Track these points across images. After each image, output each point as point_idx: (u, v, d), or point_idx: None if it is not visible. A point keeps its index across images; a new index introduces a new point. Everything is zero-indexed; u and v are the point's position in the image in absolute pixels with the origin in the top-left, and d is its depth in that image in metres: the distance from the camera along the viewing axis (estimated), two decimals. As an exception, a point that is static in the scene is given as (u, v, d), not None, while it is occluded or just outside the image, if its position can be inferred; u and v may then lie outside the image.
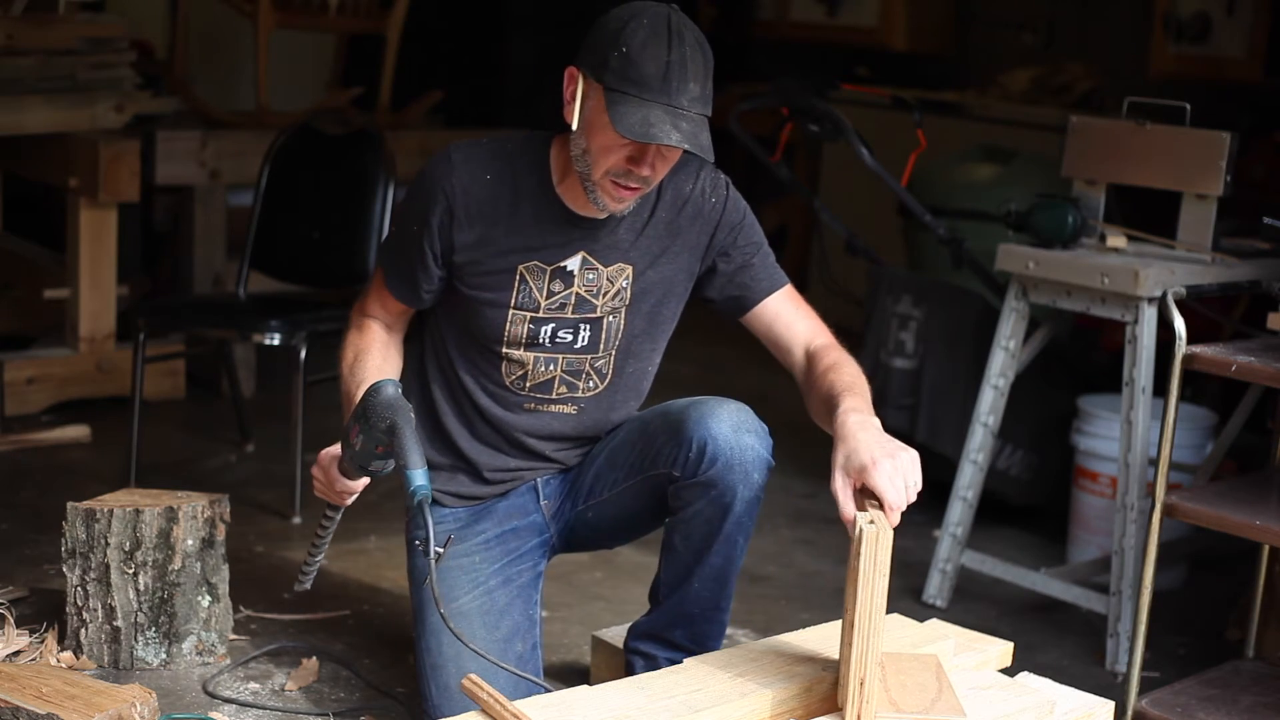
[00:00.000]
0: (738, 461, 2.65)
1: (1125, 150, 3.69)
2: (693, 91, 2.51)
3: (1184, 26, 5.56)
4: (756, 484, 2.68)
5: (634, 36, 2.51)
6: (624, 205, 2.64)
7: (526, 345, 2.77)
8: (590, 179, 2.60)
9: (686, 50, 2.52)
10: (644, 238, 2.75)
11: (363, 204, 4.24)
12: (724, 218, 2.78)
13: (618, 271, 2.75)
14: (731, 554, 2.73)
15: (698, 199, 2.76)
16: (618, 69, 2.51)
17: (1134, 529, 3.48)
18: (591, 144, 2.58)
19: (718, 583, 2.73)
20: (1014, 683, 2.57)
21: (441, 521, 2.88)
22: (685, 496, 2.71)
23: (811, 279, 6.75)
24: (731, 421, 2.67)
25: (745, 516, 2.70)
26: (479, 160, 2.72)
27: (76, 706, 2.64)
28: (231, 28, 6.18)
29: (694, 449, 2.66)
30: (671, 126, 2.48)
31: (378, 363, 2.81)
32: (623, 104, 2.49)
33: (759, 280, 2.80)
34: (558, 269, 2.72)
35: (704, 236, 2.78)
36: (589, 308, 2.76)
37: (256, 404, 4.96)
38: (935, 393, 4.21)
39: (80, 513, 3.08)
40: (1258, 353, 3.04)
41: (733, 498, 2.67)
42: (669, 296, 2.81)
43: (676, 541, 2.77)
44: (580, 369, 2.81)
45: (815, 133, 4.26)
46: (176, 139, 5.03)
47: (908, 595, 3.81)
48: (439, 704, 2.75)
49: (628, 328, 2.80)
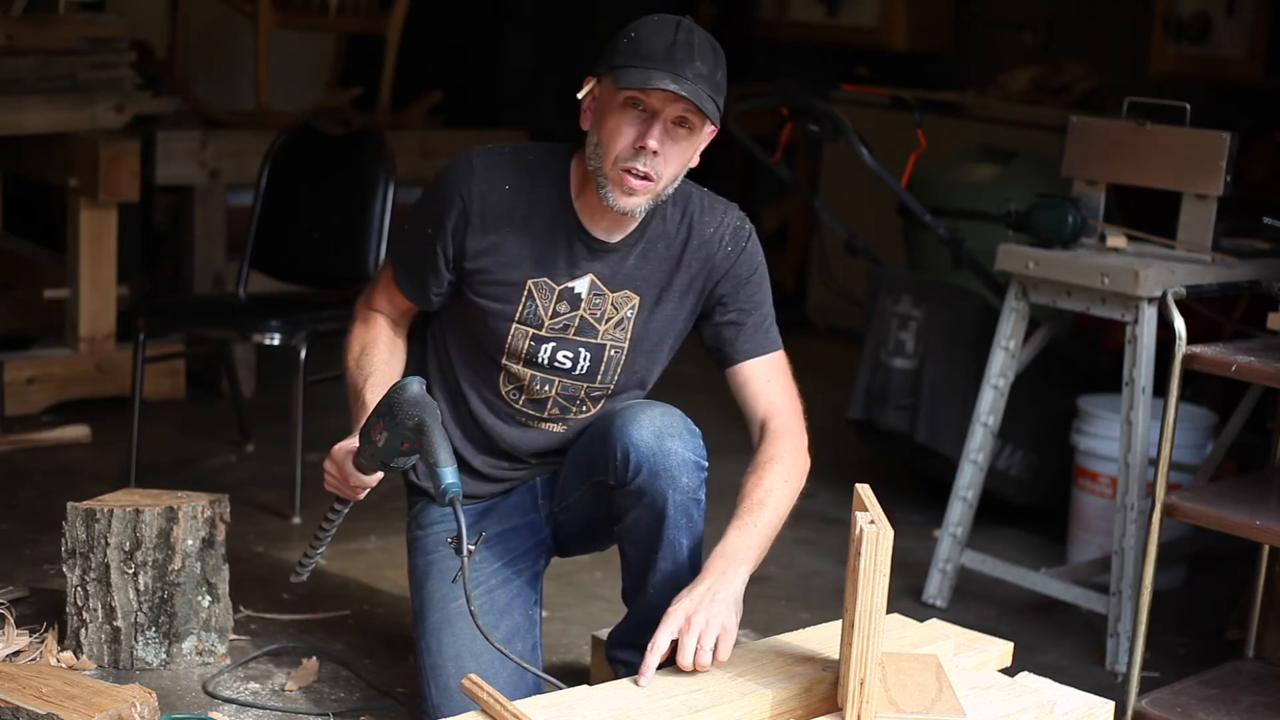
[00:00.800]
0: (662, 468, 2.63)
1: (1125, 150, 3.69)
2: (698, 68, 2.53)
3: (1184, 26, 5.56)
4: (687, 487, 2.65)
5: (644, 26, 2.58)
6: (634, 200, 2.60)
7: (525, 361, 2.76)
8: (602, 173, 2.60)
9: (696, 39, 2.56)
10: (654, 269, 2.74)
11: (363, 204, 4.24)
12: (732, 269, 2.76)
13: (624, 299, 2.74)
14: (678, 558, 2.70)
15: (712, 243, 2.74)
16: (626, 50, 2.55)
17: (1134, 529, 3.48)
18: (602, 131, 2.59)
19: (671, 586, 2.68)
20: (1014, 683, 2.57)
21: (441, 521, 2.88)
22: (622, 504, 2.70)
23: (811, 279, 6.76)
24: (653, 427, 2.64)
25: (682, 519, 2.67)
26: (500, 169, 2.71)
27: (76, 706, 2.64)
28: (231, 28, 6.18)
29: (619, 457, 2.65)
30: (672, 81, 2.50)
31: (384, 357, 2.81)
32: (627, 71, 2.53)
33: (743, 342, 2.78)
34: (566, 289, 2.72)
35: (709, 282, 2.76)
36: (592, 332, 2.75)
37: (256, 404, 4.96)
38: (935, 393, 4.21)
39: (80, 513, 3.08)
40: (1258, 353, 3.04)
41: (664, 504, 2.65)
42: (669, 335, 2.81)
43: (627, 548, 2.77)
44: (575, 395, 2.80)
45: (815, 133, 4.26)
46: (176, 139, 5.03)
47: (908, 595, 3.81)
48: (439, 704, 2.75)
49: (628, 364, 2.79)
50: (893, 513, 2.45)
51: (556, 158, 2.74)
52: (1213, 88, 5.51)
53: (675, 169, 2.62)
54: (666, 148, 2.57)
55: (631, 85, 2.51)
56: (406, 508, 2.97)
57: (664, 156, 2.58)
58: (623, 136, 2.56)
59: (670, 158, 2.59)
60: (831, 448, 4.33)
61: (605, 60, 2.59)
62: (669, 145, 2.58)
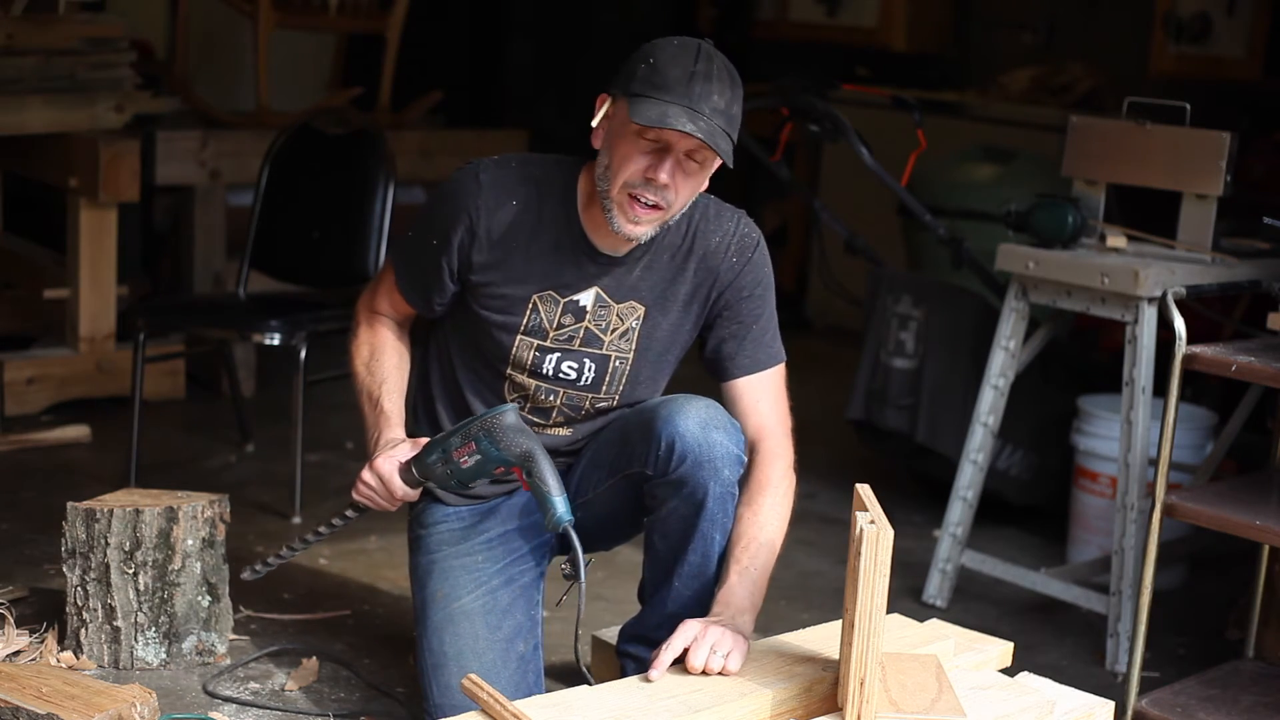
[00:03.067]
0: (706, 458, 2.64)
1: (1125, 150, 3.69)
2: (715, 103, 2.52)
3: (1184, 26, 5.56)
4: (727, 480, 2.67)
5: (663, 51, 2.55)
6: (640, 229, 2.60)
7: (530, 372, 2.76)
8: (609, 195, 2.58)
9: (714, 68, 2.54)
10: (659, 279, 2.74)
11: (363, 204, 4.23)
12: (736, 280, 2.75)
13: (629, 310, 2.74)
14: (708, 551, 2.71)
15: (718, 252, 2.74)
16: (643, 78, 2.53)
17: (1134, 529, 3.48)
18: (613, 155, 2.58)
19: (698, 580, 2.72)
20: (1014, 683, 2.57)
21: (445, 520, 2.88)
22: (659, 495, 2.71)
23: (811, 279, 6.76)
24: (699, 418, 2.65)
25: (719, 512, 2.68)
26: (507, 184, 2.70)
27: (76, 706, 2.64)
28: (231, 28, 6.18)
29: (663, 447, 2.65)
30: (689, 120, 2.48)
31: (395, 362, 2.83)
32: (643, 104, 2.51)
33: (742, 357, 2.78)
34: (570, 302, 2.72)
35: (713, 292, 2.76)
36: (597, 343, 2.75)
37: (256, 404, 4.96)
38: (935, 393, 4.21)
39: (80, 513, 3.08)
40: (1258, 353, 3.04)
41: (704, 494, 2.65)
42: (674, 345, 2.81)
43: (656, 540, 2.77)
44: (580, 405, 2.81)
45: (815, 133, 4.26)
46: (176, 139, 5.03)
47: (908, 595, 3.81)
48: (440, 703, 2.75)
49: (633, 374, 2.79)
50: (893, 513, 2.45)
51: (564, 171, 2.73)
52: (1213, 88, 5.51)
53: (686, 198, 2.62)
54: (678, 180, 2.57)
55: (647, 122, 2.49)
56: (407, 507, 2.97)
57: (675, 189, 2.57)
58: (634, 164, 2.55)
59: (681, 189, 2.58)
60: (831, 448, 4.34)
61: (621, 83, 2.57)
62: (680, 178, 2.57)
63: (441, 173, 5.09)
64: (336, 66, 6.35)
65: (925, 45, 6.75)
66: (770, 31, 7.19)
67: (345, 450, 4.65)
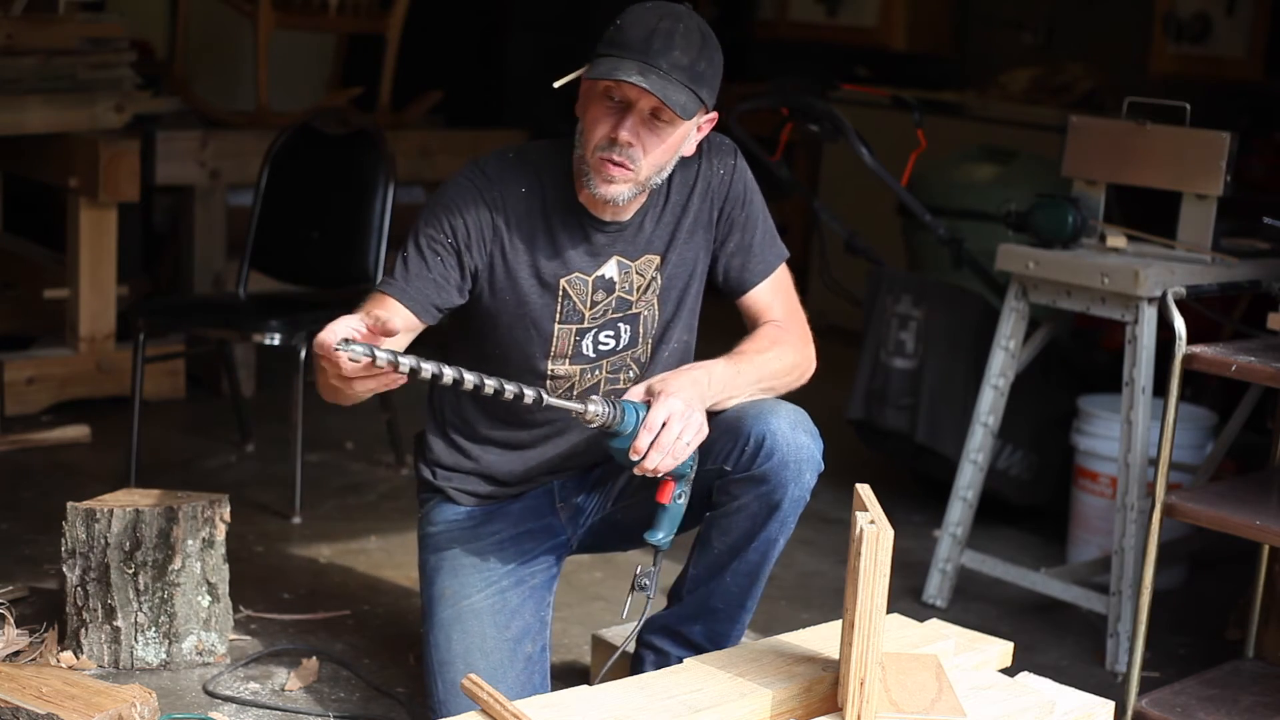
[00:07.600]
0: (793, 458, 2.65)
1: (1125, 150, 3.69)
2: (676, 59, 2.52)
3: (1184, 26, 5.56)
4: (807, 484, 2.68)
5: (632, 13, 2.58)
6: (615, 189, 2.60)
7: (572, 358, 2.77)
8: (585, 161, 2.61)
9: (680, 26, 2.54)
10: (663, 224, 2.76)
11: (363, 204, 4.24)
12: (731, 189, 2.79)
13: (646, 264, 2.76)
14: (769, 553, 2.73)
15: (706, 173, 2.77)
16: (608, 38, 2.56)
17: (1134, 529, 3.48)
18: (585, 120, 2.61)
19: (749, 579, 2.73)
20: (1014, 683, 2.57)
21: (455, 519, 2.88)
22: (733, 491, 2.70)
23: (811, 279, 6.76)
24: (790, 419, 2.67)
25: (790, 516, 2.70)
26: (511, 173, 2.71)
27: (76, 706, 2.64)
28: (231, 28, 6.18)
29: (751, 443, 2.65)
30: (639, 73, 2.50)
31: None
32: (600, 61, 2.54)
33: (753, 267, 2.83)
34: (599, 278, 2.73)
35: (714, 211, 2.79)
36: (627, 305, 2.77)
37: (256, 404, 4.96)
38: (935, 393, 4.21)
39: (80, 513, 3.08)
40: (1258, 353, 3.04)
41: (783, 495, 2.67)
42: (693, 278, 2.83)
43: (714, 536, 2.75)
44: (621, 365, 2.82)
45: (815, 133, 4.26)
46: (176, 139, 5.03)
47: (908, 595, 3.81)
48: (445, 700, 2.74)
49: (660, 315, 2.81)
50: (893, 513, 2.45)
51: (556, 152, 2.73)
52: (1213, 88, 5.51)
53: (657, 159, 2.61)
54: (644, 138, 2.57)
55: (598, 76, 2.52)
56: (418, 505, 2.97)
57: (640, 147, 2.57)
58: (600, 126, 2.58)
59: (649, 147, 2.58)
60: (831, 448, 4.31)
61: (595, 49, 2.60)
62: (646, 136, 2.57)
63: (441, 173, 5.09)
64: (336, 66, 6.35)
65: (925, 45, 6.75)
66: (770, 31, 7.19)
67: (345, 450, 4.66)
